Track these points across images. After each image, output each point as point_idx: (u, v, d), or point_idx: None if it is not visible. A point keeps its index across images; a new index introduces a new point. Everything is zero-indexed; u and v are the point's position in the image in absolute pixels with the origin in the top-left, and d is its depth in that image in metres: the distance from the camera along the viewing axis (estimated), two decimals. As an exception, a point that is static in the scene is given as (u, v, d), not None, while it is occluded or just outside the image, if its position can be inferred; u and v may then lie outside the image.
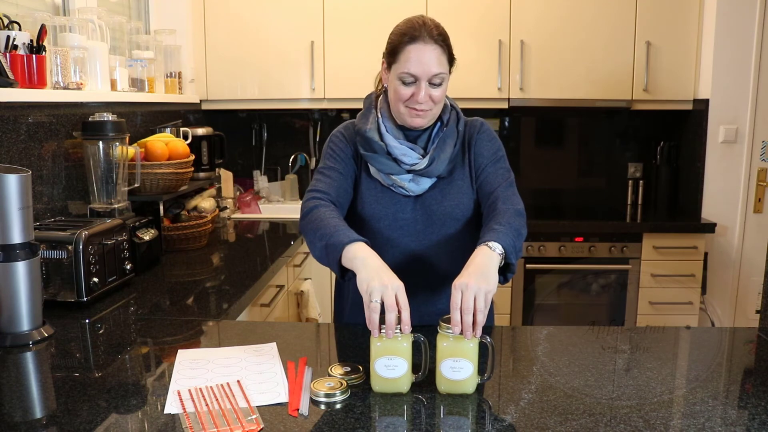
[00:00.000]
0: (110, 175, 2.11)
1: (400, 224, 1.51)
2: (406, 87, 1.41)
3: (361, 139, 1.51)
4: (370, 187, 1.52)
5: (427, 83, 1.40)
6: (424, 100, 1.41)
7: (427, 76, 1.39)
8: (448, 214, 1.50)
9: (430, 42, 1.39)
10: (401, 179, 1.48)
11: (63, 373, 1.27)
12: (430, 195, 1.51)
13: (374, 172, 1.51)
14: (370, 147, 1.49)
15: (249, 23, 3.28)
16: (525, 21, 3.24)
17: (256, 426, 1.02)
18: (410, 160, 1.47)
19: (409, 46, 1.39)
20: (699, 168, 3.24)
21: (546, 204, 3.71)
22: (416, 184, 1.49)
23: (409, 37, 1.39)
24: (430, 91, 1.41)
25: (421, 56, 1.38)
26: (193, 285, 2.04)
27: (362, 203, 1.52)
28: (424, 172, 1.47)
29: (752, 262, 3.21)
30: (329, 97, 3.31)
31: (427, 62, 1.38)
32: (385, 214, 1.51)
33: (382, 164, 1.48)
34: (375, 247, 1.39)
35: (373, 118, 1.51)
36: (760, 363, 1.35)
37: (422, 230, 1.51)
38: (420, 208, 1.51)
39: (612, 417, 1.05)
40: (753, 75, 3.08)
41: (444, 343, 1.13)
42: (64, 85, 2.04)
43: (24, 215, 1.42)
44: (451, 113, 1.53)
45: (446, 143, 1.49)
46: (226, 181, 3.31)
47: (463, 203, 1.51)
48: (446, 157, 1.48)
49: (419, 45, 1.38)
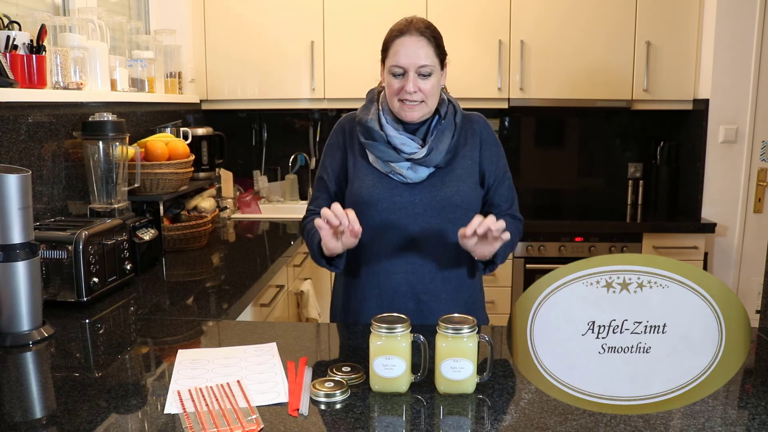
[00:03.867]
0: (110, 175, 2.11)
1: (398, 207, 1.54)
2: (396, 79, 1.49)
3: (362, 128, 1.56)
4: (369, 173, 1.57)
5: (416, 75, 1.47)
6: (414, 90, 1.46)
7: (414, 66, 1.46)
8: (448, 199, 1.53)
9: (416, 35, 1.47)
10: (400, 166, 1.52)
11: (63, 373, 1.27)
12: (428, 182, 1.54)
13: (373, 160, 1.56)
14: (370, 135, 1.54)
15: (249, 23, 3.28)
16: (525, 21, 3.24)
17: (256, 426, 1.02)
18: (409, 149, 1.51)
19: (397, 40, 1.48)
20: (699, 168, 3.24)
21: (546, 204, 3.71)
22: (414, 172, 1.53)
23: (398, 32, 1.49)
24: (419, 83, 1.47)
25: (407, 48, 1.46)
26: (193, 285, 2.05)
27: (360, 187, 1.56)
28: (422, 161, 1.51)
29: (752, 262, 3.21)
30: (329, 97, 3.32)
31: (414, 54, 1.46)
32: (383, 197, 1.54)
33: (382, 152, 1.52)
34: (375, 229, 1.54)
35: (374, 110, 1.57)
36: (760, 363, 1.35)
37: (421, 214, 1.54)
38: (419, 194, 1.54)
39: (612, 417, 1.05)
40: (753, 75, 3.08)
41: (443, 343, 1.13)
42: (64, 85, 2.04)
43: (24, 215, 1.42)
44: (449, 107, 1.58)
45: (444, 134, 1.53)
46: (226, 181, 3.31)
47: (462, 190, 1.55)
48: (444, 148, 1.52)
49: (406, 38, 1.47)
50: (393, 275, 1.56)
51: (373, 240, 1.55)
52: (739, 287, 3.25)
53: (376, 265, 1.57)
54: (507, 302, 3.17)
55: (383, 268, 1.56)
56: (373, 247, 1.56)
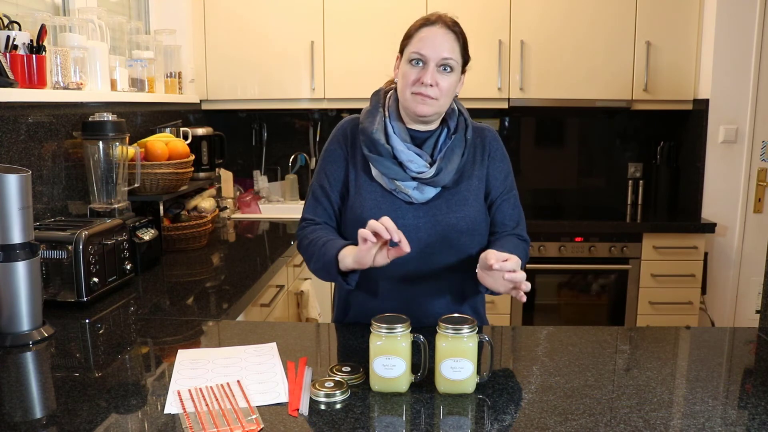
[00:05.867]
0: (110, 175, 2.10)
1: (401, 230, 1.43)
2: (414, 69, 1.40)
3: (366, 140, 1.46)
4: (371, 191, 1.47)
5: (436, 68, 1.39)
6: (432, 82, 1.38)
7: (436, 57, 1.38)
8: (453, 226, 1.45)
9: (445, 27, 1.40)
10: (405, 185, 1.43)
11: (63, 373, 1.27)
12: (434, 204, 1.45)
13: (377, 174, 1.46)
14: (375, 149, 1.44)
15: (249, 23, 3.28)
16: (525, 21, 3.24)
17: (256, 426, 1.02)
18: (416, 168, 1.42)
19: (424, 28, 1.41)
20: (699, 168, 3.24)
21: (546, 204, 3.71)
22: (420, 193, 1.44)
23: (426, 21, 1.42)
24: (438, 77, 1.39)
25: (434, 38, 1.39)
26: (193, 285, 2.04)
27: (362, 207, 1.46)
28: (429, 182, 1.43)
29: (752, 262, 3.21)
30: (329, 97, 3.32)
31: (439, 44, 1.38)
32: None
33: (387, 168, 1.43)
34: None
35: (380, 118, 1.47)
36: (760, 363, 1.35)
37: (425, 238, 1.45)
38: (423, 216, 1.45)
39: (612, 417, 1.05)
40: (753, 75, 3.08)
41: (443, 343, 1.13)
42: (64, 85, 2.04)
43: (24, 215, 1.42)
44: (459, 119, 1.49)
45: (454, 153, 1.45)
46: (226, 181, 3.31)
47: (469, 216, 1.46)
48: (453, 168, 1.44)
49: (435, 28, 1.40)
50: (389, 301, 1.47)
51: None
52: (739, 287, 3.25)
53: (372, 288, 1.48)
54: (507, 302, 3.18)
55: (379, 292, 1.48)
56: (372, 271, 1.41)
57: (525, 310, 3.21)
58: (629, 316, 3.19)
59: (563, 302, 3.23)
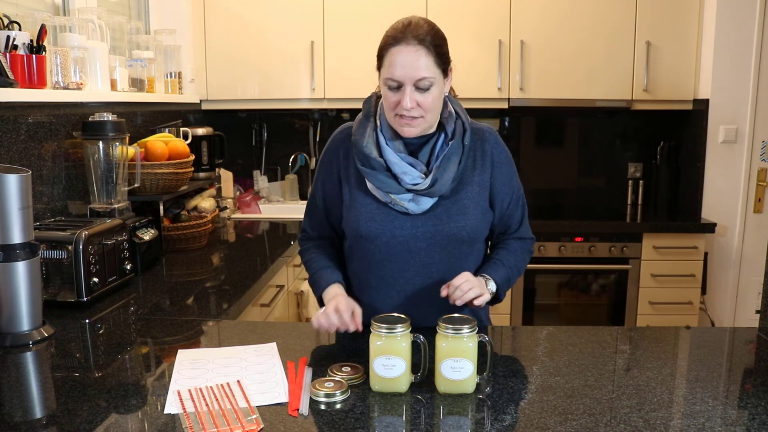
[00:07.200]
0: (110, 175, 2.10)
1: (399, 241, 1.42)
2: (391, 93, 1.33)
3: (358, 154, 1.40)
4: (366, 204, 1.43)
5: (413, 88, 1.31)
6: (411, 106, 1.31)
7: (411, 80, 1.30)
8: (453, 235, 1.41)
9: (413, 43, 1.29)
10: (400, 198, 1.38)
11: (63, 373, 1.27)
12: (433, 214, 1.41)
13: (371, 187, 1.41)
14: (368, 163, 1.39)
15: (249, 23, 3.28)
16: (525, 21, 3.24)
17: (256, 426, 1.02)
18: (411, 180, 1.37)
19: (392, 49, 1.31)
20: (699, 168, 3.24)
21: (546, 204, 3.71)
22: (416, 204, 1.39)
23: (393, 39, 1.31)
24: (417, 97, 1.31)
25: (403, 60, 1.29)
26: (193, 285, 2.04)
27: (357, 221, 1.43)
28: (425, 193, 1.38)
29: (752, 262, 3.21)
30: (329, 97, 3.31)
31: (410, 65, 1.29)
32: (382, 231, 1.41)
33: (381, 182, 1.38)
34: (373, 263, 1.45)
35: (370, 130, 1.40)
36: (760, 363, 1.35)
37: (424, 248, 1.42)
38: (422, 227, 1.41)
39: (612, 417, 1.05)
40: (753, 75, 3.08)
41: (443, 343, 1.13)
42: (64, 85, 2.04)
43: (24, 215, 1.42)
44: (456, 123, 1.42)
45: (450, 161, 1.38)
46: (226, 181, 3.31)
47: (468, 225, 1.42)
48: (450, 177, 1.38)
49: (401, 47, 1.30)
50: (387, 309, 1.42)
51: (370, 272, 1.46)
52: (739, 287, 3.25)
53: (373, 298, 1.47)
54: (507, 303, 3.17)
55: (379, 302, 1.46)
56: (371, 280, 1.46)
57: (525, 310, 3.21)
58: (629, 316, 3.19)
59: (563, 302, 3.22)
